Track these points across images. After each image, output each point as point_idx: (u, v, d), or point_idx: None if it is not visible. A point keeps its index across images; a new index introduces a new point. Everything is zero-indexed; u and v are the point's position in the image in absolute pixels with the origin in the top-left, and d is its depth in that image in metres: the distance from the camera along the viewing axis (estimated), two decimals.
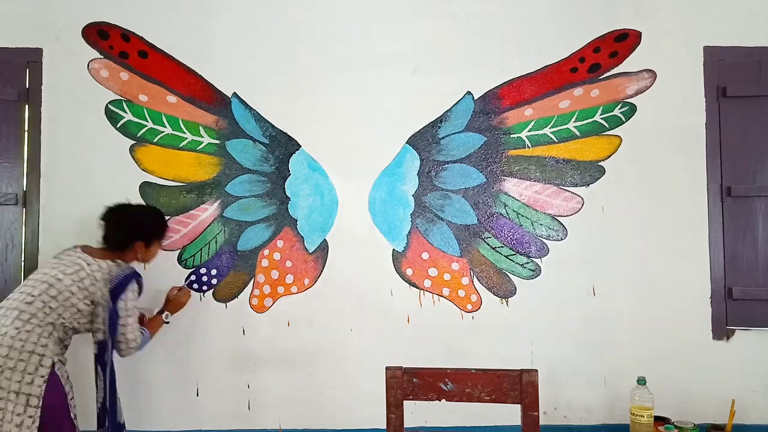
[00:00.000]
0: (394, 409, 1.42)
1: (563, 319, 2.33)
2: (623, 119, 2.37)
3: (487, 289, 2.35)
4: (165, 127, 2.36)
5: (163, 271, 2.31)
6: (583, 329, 2.33)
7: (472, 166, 2.37)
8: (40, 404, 1.73)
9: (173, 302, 2.21)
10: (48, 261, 2.01)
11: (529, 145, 2.38)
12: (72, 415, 1.86)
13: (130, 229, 2.05)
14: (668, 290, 2.33)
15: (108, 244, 2.04)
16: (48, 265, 1.95)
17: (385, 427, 1.44)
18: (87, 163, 2.34)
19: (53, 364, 1.81)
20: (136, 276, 2.01)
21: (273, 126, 2.37)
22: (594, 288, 2.35)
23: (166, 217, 2.31)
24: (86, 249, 2.04)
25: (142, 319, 2.13)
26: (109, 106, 2.35)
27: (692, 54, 2.39)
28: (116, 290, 1.94)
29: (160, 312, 2.19)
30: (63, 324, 1.87)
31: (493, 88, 2.38)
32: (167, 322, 2.18)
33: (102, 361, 1.94)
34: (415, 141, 2.38)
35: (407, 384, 1.42)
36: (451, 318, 2.34)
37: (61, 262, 1.95)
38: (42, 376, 1.76)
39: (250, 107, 2.37)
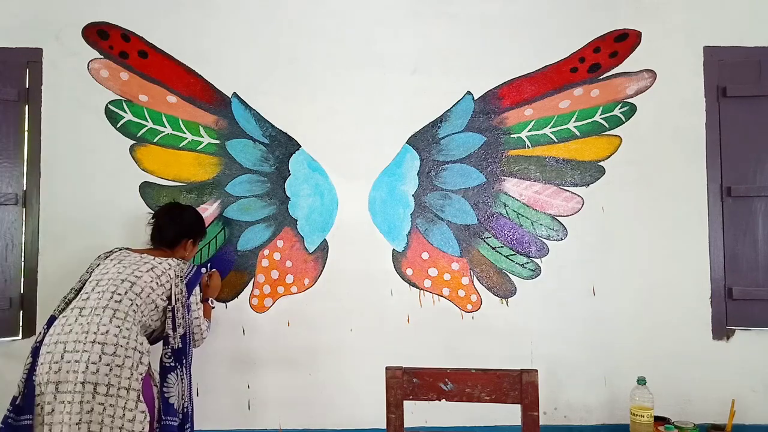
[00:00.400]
0: (394, 409, 1.42)
1: (563, 319, 2.33)
2: (623, 119, 2.37)
3: (487, 289, 2.35)
4: (165, 127, 2.36)
5: None
6: (583, 329, 2.33)
7: (472, 166, 2.37)
8: (142, 399, 1.76)
9: (210, 288, 2.23)
10: (101, 264, 1.97)
11: (529, 145, 2.38)
12: (156, 413, 1.85)
13: (182, 226, 2.12)
14: (668, 290, 2.33)
15: (158, 242, 2.10)
16: (112, 267, 1.94)
17: (385, 427, 1.43)
18: (87, 163, 2.34)
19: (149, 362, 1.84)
20: (202, 271, 2.10)
21: (273, 126, 2.37)
22: (594, 288, 2.35)
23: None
24: (135, 250, 2.06)
25: None
26: (109, 106, 2.35)
27: (692, 54, 2.39)
28: (190, 284, 2.00)
29: (204, 300, 2.21)
30: (144, 322, 1.89)
31: (493, 88, 2.38)
32: (214, 307, 2.24)
33: (184, 355, 1.93)
34: (415, 141, 2.38)
35: (407, 384, 1.42)
36: (451, 318, 2.34)
37: (127, 262, 1.95)
38: (141, 373, 1.78)
39: (250, 107, 2.37)
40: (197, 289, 2.05)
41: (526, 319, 2.33)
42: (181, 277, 1.98)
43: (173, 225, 2.11)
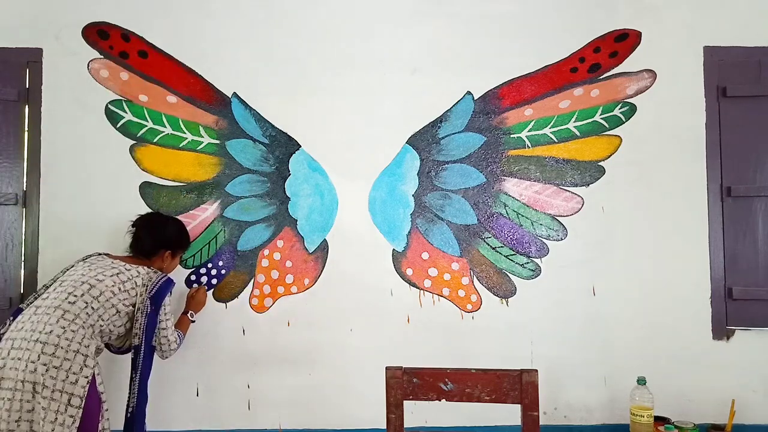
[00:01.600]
0: (394, 409, 1.42)
1: (563, 319, 2.33)
2: (623, 119, 2.37)
3: (487, 289, 2.35)
4: (165, 127, 2.36)
5: None
6: (583, 329, 2.33)
7: (472, 166, 2.37)
8: (83, 405, 1.73)
9: (194, 302, 2.25)
10: (75, 266, 1.99)
11: (529, 145, 2.38)
12: (101, 423, 1.83)
13: (161, 237, 2.11)
14: (668, 290, 2.33)
15: (136, 251, 2.10)
16: (80, 269, 1.95)
17: (385, 427, 1.43)
18: (87, 163, 2.34)
19: (95, 366, 1.81)
20: (172, 282, 2.07)
21: (273, 126, 2.37)
22: (594, 288, 2.35)
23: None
24: (112, 256, 2.06)
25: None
26: (109, 106, 2.35)
27: (692, 54, 2.39)
28: (157, 295, 1.98)
29: (185, 312, 2.22)
30: (101, 327, 1.87)
31: (493, 88, 2.38)
32: (193, 321, 2.24)
33: (135, 365, 1.95)
34: (415, 141, 2.38)
35: (407, 384, 1.42)
36: (451, 318, 2.34)
37: (95, 266, 1.96)
38: (86, 377, 1.76)
39: (250, 107, 2.37)
40: (167, 299, 2.01)
41: (526, 319, 2.33)
42: (146, 286, 1.96)
43: (150, 235, 2.10)
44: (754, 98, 2.37)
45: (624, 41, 2.38)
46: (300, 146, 2.37)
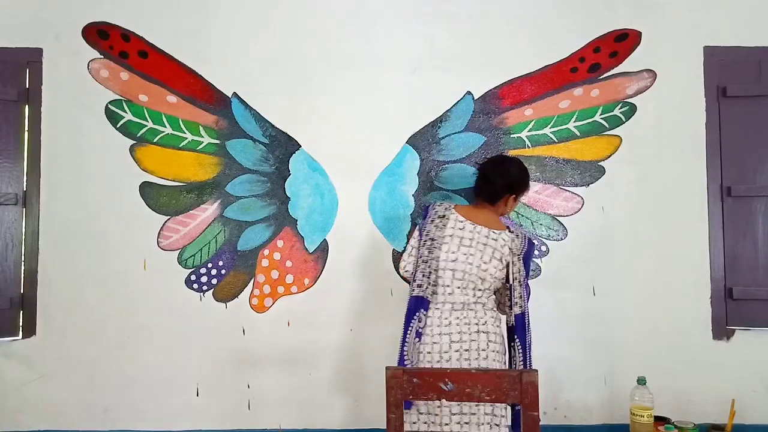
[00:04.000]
0: (394, 409, 1.41)
1: (563, 319, 2.33)
2: (623, 119, 2.37)
3: None
4: (165, 127, 2.36)
5: (162, 271, 2.31)
6: (583, 329, 2.33)
7: (472, 166, 2.37)
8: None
9: None
10: (448, 240, 1.95)
11: (529, 145, 2.38)
12: None
13: (509, 180, 2.01)
14: (668, 290, 2.33)
15: (483, 196, 2.04)
16: (458, 250, 1.93)
17: (385, 427, 1.43)
18: (87, 163, 2.34)
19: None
20: (532, 242, 2.05)
21: (273, 126, 2.37)
22: (594, 288, 2.35)
23: (167, 217, 2.32)
24: (465, 211, 2.01)
25: None
26: (109, 106, 2.35)
27: (692, 54, 2.39)
28: (526, 259, 2.00)
29: None
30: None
31: (493, 88, 2.38)
32: None
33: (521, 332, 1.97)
34: (415, 141, 2.38)
35: (407, 384, 1.42)
36: None
37: (469, 242, 1.94)
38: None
39: (250, 107, 2.37)
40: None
41: None
42: (518, 255, 1.96)
43: (501, 179, 2.00)
44: (754, 98, 2.37)
45: (624, 41, 2.38)
46: (300, 146, 2.37)
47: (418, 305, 1.91)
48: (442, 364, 1.86)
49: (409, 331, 1.90)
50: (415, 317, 1.90)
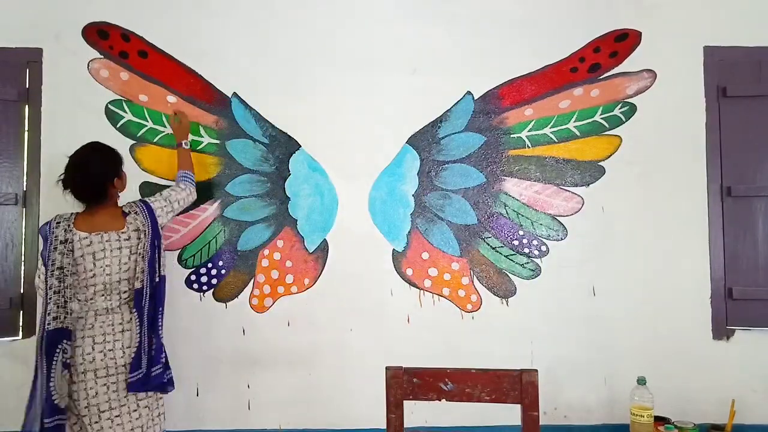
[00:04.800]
0: (394, 409, 1.42)
1: (563, 319, 2.33)
2: (623, 119, 2.37)
3: (487, 289, 2.35)
4: (165, 127, 2.36)
5: None
6: (583, 329, 2.33)
7: (472, 166, 2.37)
8: None
9: (180, 129, 2.25)
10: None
11: (529, 145, 2.38)
12: None
13: (96, 179, 1.94)
14: (668, 290, 2.33)
15: (91, 202, 1.95)
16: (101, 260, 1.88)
17: (385, 427, 1.43)
18: None
19: None
20: (146, 203, 2.01)
21: (273, 126, 2.37)
22: (594, 288, 2.35)
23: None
24: (79, 223, 1.92)
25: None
26: (109, 106, 2.35)
27: (692, 54, 2.39)
28: (152, 221, 1.95)
29: (178, 145, 2.23)
30: None
31: (493, 88, 2.38)
32: (188, 147, 2.26)
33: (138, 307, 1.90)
34: (415, 141, 2.38)
35: (407, 384, 1.42)
36: (451, 318, 2.34)
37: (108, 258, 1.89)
38: None
39: (250, 107, 2.37)
40: (157, 204, 2.01)
41: (526, 319, 2.33)
42: (144, 231, 1.93)
43: (85, 180, 1.93)
44: (754, 98, 2.37)
45: (624, 41, 2.38)
46: (300, 146, 2.37)
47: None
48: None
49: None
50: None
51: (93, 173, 1.93)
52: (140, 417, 1.87)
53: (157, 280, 1.92)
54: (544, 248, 2.36)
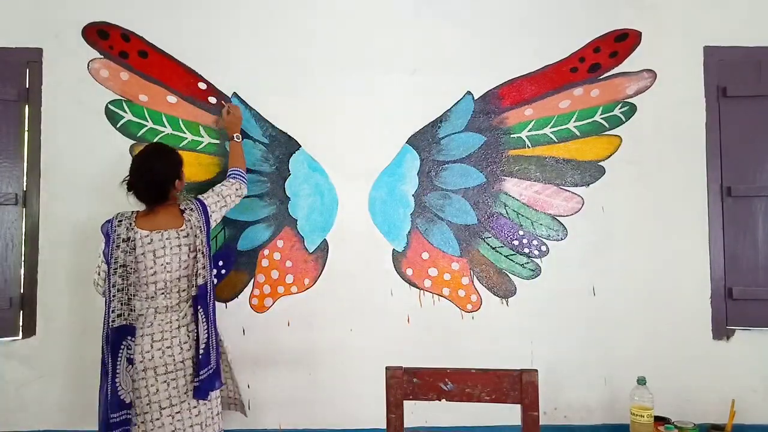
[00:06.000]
0: (394, 409, 1.41)
1: (563, 319, 2.33)
2: (623, 119, 2.37)
3: (487, 289, 2.35)
4: (165, 127, 2.36)
5: None
6: (583, 329, 2.33)
7: (472, 166, 2.37)
8: None
9: (231, 123, 2.24)
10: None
11: (529, 145, 2.38)
12: None
13: (161, 178, 1.98)
14: (668, 290, 2.33)
15: (150, 202, 1.98)
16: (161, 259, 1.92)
17: (385, 427, 1.43)
18: (87, 163, 2.34)
19: None
20: (199, 200, 2.04)
21: (273, 126, 2.37)
22: (594, 288, 2.35)
23: None
24: (140, 221, 1.95)
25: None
26: (109, 106, 2.35)
27: (692, 54, 2.39)
28: (206, 218, 2.00)
29: (230, 139, 2.23)
30: None
31: (493, 88, 2.38)
32: (240, 141, 2.24)
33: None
34: (415, 141, 2.38)
35: (407, 384, 1.42)
36: (451, 318, 2.34)
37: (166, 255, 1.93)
38: None
39: (250, 107, 2.37)
40: (210, 200, 2.03)
41: (526, 319, 2.33)
42: (200, 227, 1.97)
43: (149, 179, 1.98)
44: (754, 98, 2.37)
45: (624, 41, 2.38)
46: (300, 146, 2.37)
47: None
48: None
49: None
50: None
51: (156, 176, 1.97)
52: (200, 414, 1.92)
53: (213, 276, 1.98)
54: (544, 248, 2.36)
